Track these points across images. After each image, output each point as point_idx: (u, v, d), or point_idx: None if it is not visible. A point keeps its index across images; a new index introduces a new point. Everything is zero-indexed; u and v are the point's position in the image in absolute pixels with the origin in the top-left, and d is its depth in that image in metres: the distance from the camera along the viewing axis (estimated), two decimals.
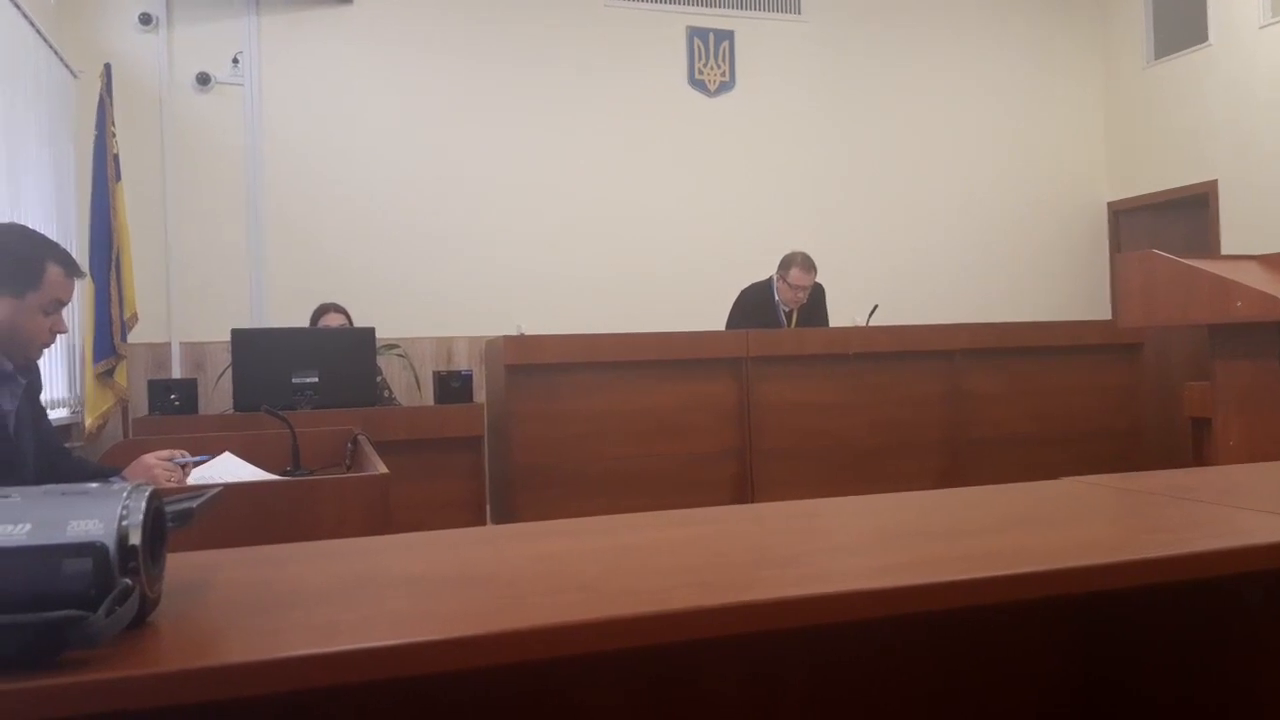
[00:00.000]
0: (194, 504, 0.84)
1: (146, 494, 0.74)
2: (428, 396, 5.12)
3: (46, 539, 0.69)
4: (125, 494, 0.73)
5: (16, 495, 0.73)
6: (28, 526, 0.70)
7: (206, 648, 0.72)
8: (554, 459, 4.25)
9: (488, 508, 4.41)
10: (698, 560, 1.02)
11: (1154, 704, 1.15)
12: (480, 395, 4.56)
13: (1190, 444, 3.87)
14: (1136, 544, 1.06)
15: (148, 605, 0.74)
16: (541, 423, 4.25)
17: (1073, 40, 7.17)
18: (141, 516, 0.72)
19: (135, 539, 0.71)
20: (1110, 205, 7.17)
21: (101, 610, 0.67)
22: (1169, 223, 6.80)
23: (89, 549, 0.69)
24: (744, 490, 4.44)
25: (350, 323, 4.50)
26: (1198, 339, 6.26)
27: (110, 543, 0.70)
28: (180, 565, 0.84)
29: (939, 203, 6.75)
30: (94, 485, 0.75)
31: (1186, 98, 6.56)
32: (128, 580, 0.70)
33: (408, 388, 5.48)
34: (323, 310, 4.55)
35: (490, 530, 1.18)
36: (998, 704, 1.09)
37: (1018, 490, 1.41)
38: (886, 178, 6.65)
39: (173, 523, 0.81)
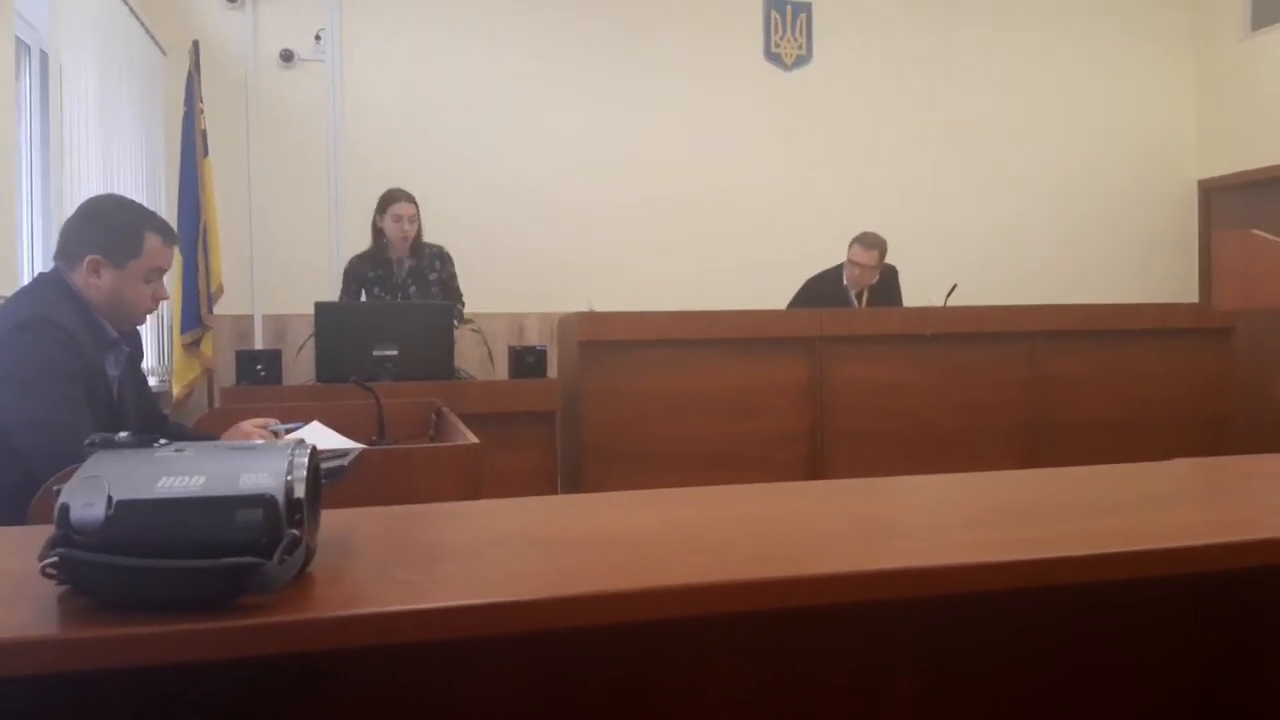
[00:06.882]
0: (344, 462, 0.88)
1: (309, 451, 0.77)
2: (500, 371, 5.18)
3: (221, 490, 0.73)
4: (291, 450, 0.76)
5: (190, 449, 0.77)
6: (202, 479, 0.74)
7: (368, 596, 0.76)
8: (624, 435, 4.26)
9: (558, 481, 4.45)
10: (818, 529, 1.03)
11: (1276, 689, 1.13)
12: (552, 371, 4.60)
13: None
14: (1264, 523, 1.04)
15: (309, 556, 0.78)
16: (613, 399, 4.27)
17: (1165, 10, 6.90)
18: (305, 472, 0.76)
19: (300, 492, 0.75)
20: (1201, 184, 6.92)
21: (275, 557, 0.70)
22: (1264, 202, 6.53)
23: (260, 500, 0.72)
24: (815, 470, 4.41)
25: (418, 211, 4.39)
26: None
27: (279, 495, 0.73)
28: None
29: (1021, 181, 6.58)
30: (259, 442, 0.79)
31: None
32: (295, 531, 0.74)
33: (481, 362, 5.55)
34: (391, 198, 4.39)
35: (610, 496, 1.20)
36: (1115, 685, 1.08)
37: (1129, 470, 1.39)
38: (967, 155, 6.49)
39: (326, 479, 0.84)
